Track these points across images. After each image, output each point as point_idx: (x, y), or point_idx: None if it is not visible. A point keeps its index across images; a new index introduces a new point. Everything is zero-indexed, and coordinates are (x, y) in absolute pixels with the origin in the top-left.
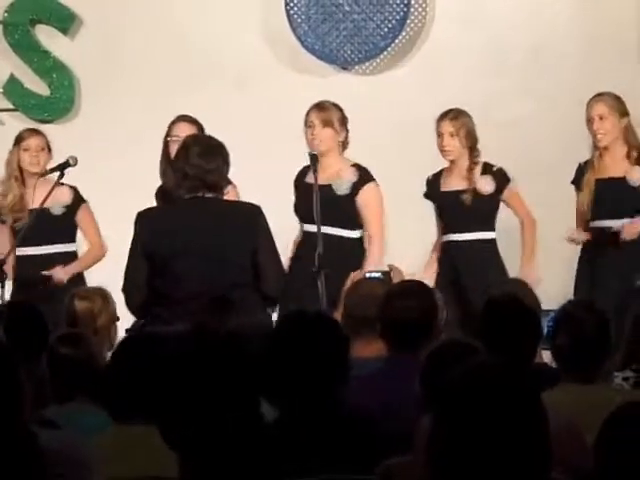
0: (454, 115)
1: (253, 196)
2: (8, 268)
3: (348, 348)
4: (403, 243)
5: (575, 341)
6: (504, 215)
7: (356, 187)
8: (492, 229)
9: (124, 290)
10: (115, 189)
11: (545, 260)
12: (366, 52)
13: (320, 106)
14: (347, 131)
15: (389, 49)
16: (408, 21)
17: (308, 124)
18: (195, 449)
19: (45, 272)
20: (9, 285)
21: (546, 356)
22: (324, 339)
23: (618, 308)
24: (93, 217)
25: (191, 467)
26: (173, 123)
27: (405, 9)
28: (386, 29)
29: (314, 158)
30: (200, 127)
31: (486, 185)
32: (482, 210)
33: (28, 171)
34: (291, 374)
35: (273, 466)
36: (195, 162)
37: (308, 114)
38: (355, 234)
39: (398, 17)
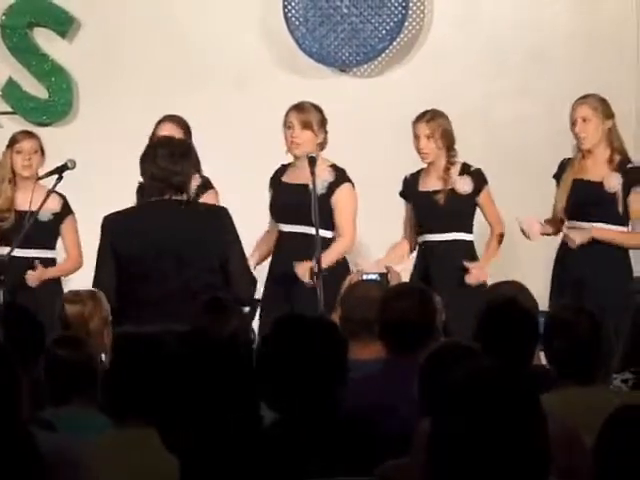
0: (430, 117)
1: (251, 196)
2: None
3: (346, 350)
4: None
5: (569, 345)
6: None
7: (331, 187)
8: (469, 231)
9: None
10: (114, 191)
11: (541, 260)
12: (364, 54)
13: (300, 107)
14: (326, 133)
15: (387, 51)
16: (406, 23)
17: (287, 125)
18: (195, 452)
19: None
20: None
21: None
22: (322, 342)
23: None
24: (77, 229)
25: (191, 470)
26: (159, 123)
27: (403, 11)
28: (384, 31)
29: (313, 160)
30: (186, 128)
31: (464, 185)
32: (458, 211)
33: (20, 174)
34: (290, 377)
35: (272, 468)
36: (162, 164)
37: (287, 115)
38: (329, 234)
39: (396, 19)
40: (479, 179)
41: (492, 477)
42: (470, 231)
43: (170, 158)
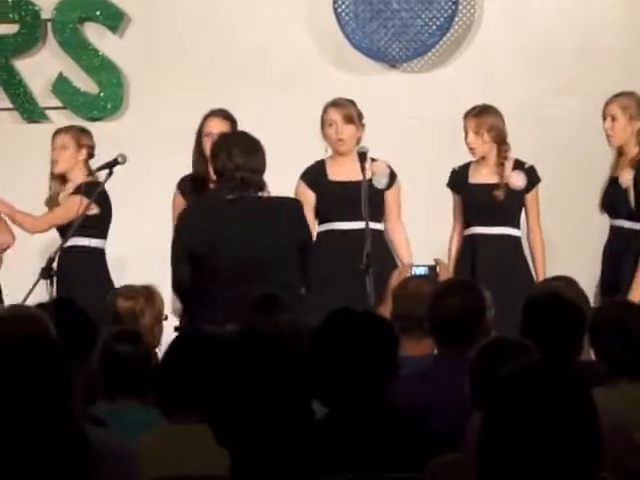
0: (477, 112)
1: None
2: None
3: (397, 345)
4: (445, 239)
5: (620, 340)
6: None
7: (389, 183)
8: (517, 226)
9: (175, 291)
10: (163, 186)
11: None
12: (414, 50)
13: (338, 103)
14: (363, 126)
15: (437, 47)
16: (456, 19)
17: (329, 122)
18: (246, 447)
19: None
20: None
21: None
22: (373, 336)
23: None
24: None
25: (242, 465)
26: (206, 117)
27: (453, 7)
28: (434, 27)
29: (363, 155)
30: (233, 122)
31: (518, 181)
32: (509, 206)
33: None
34: (340, 371)
35: (323, 463)
36: (239, 162)
37: (327, 113)
38: (381, 226)
39: (446, 15)
40: (533, 176)
41: (543, 472)
42: (518, 226)
43: (245, 155)
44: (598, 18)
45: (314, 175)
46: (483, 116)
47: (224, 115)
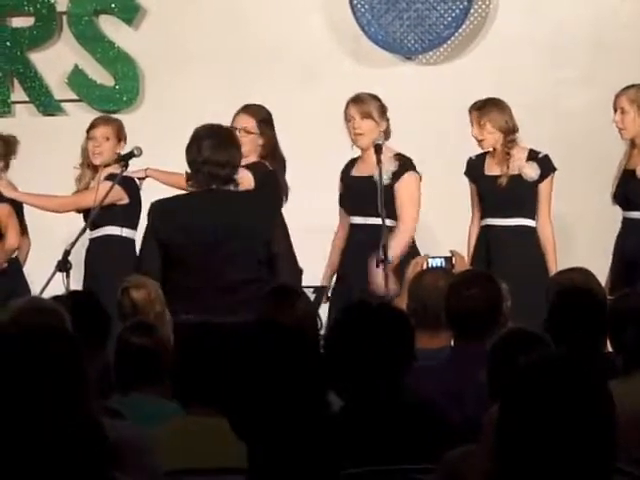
0: (479, 105)
1: (315, 187)
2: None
3: (413, 337)
4: (464, 229)
5: (638, 332)
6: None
7: (394, 177)
8: (533, 217)
9: None
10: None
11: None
12: (429, 41)
13: (357, 99)
14: (387, 121)
15: (452, 38)
16: (472, 10)
17: (348, 118)
18: (263, 439)
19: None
20: None
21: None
22: (389, 329)
23: None
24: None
25: (259, 457)
26: (237, 113)
27: None
28: (450, 18)
29: (379, 148)
30: (261, 119)
31: (531, 171)
32: (522, 196)
33: (91, 161)
34: (357, 364)
35: (340, 455)
36: (207, 155)
37: (347, 108)
38: (394, 223)
39: (462, 6)
40: (547, 166)
41: (559, 463)
42: (533, 217)
43: (215, 148)
44: (614, 9)
45: (344, 170)
46: (485, 108)
47: (250, 111)
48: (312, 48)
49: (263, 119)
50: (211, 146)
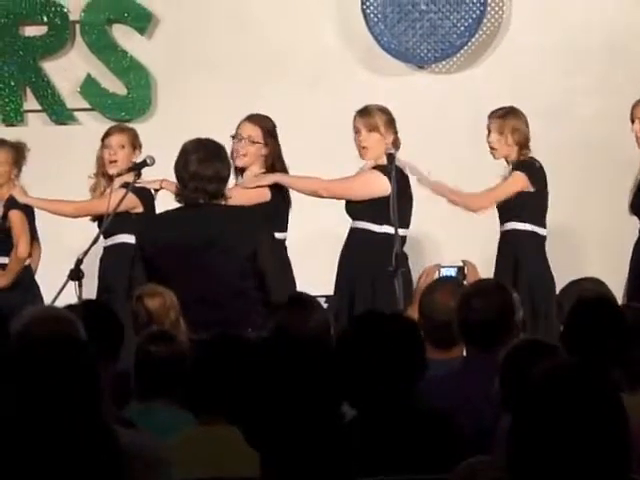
0: (502, 113)
1: None
2: None
3: (424, 347)
4: (475, 237)
5: None
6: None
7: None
8: (526, 221)
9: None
10: None
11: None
12: (442, 51)
13: (364, 112)
14: (395, 132)
15: (466, 48)
16: (485, 20)
17: (355, 130)
18: (277, 449)
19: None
20: None
21: None
22: (399, 339)
23: None
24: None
25: (272, 467)
26: (242, 122)
27: (482, 8)
28: (462, 28)
29: (391, 157)
30: (266, 129)
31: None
32: (508, 200)
33: (107, 170)
34: (367, 374)
35: (352, 465)
36: (193, 170)
37: (354, 120)
38: (383, 229)
39: (474, 16)
40: (520, 165)
41: (572, 474)
42: (526, 220)
43: (202, 163)
44: (626, 16)
45: None
46: (508, 118)
47: (255, 121)
48: (324, 57)
49: (268, 129)
50: (197, 160)
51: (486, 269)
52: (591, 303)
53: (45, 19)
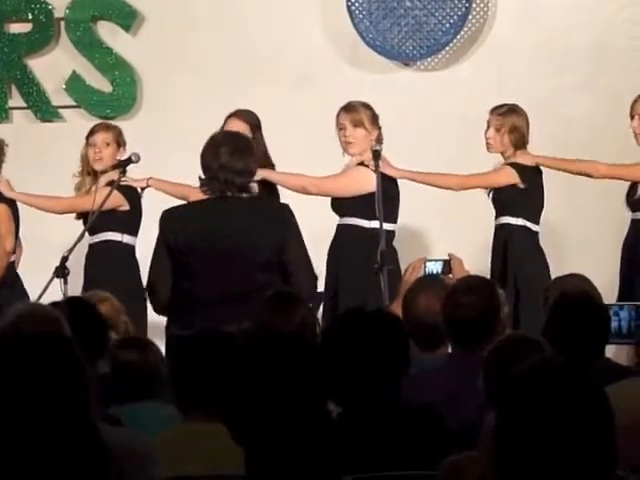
0: (504, 111)
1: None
2: None
3: (408, 344)
4: (465, 235)
5: None
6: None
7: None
8: (518, 215)
9: (149, 289)
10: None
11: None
12: (428, 48)
13: (348, 107)
14: (379, 128)
15: (451, 45)
16: (470, 17)
17: (339, 126)
18: (262, 446)
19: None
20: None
21: (609, 351)
22: (383, 336)
23: None
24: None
25: (257, 464)
26: (228, 117)
27: (467, 5)
28: (448, 25)
29: (377, 154)
30: (253, 124)
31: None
32: (501, 195)
33: (92, 167)
34: (351, 371)
35: (338, 462)
36: (224, 162)
37: (338, 116)
38: (372, 224)
39: (460, 13)
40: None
41: (558, 471)
42: (518, 215)
43: (232, 155)
44: (612, 15)
45: None
46: (508, 116)
47: (243, 116)
48: (310, 54)
49: (254, 124)
50: (228, 153)
51: (481, 263)
52: (572, 298)
53: (30, 16)
